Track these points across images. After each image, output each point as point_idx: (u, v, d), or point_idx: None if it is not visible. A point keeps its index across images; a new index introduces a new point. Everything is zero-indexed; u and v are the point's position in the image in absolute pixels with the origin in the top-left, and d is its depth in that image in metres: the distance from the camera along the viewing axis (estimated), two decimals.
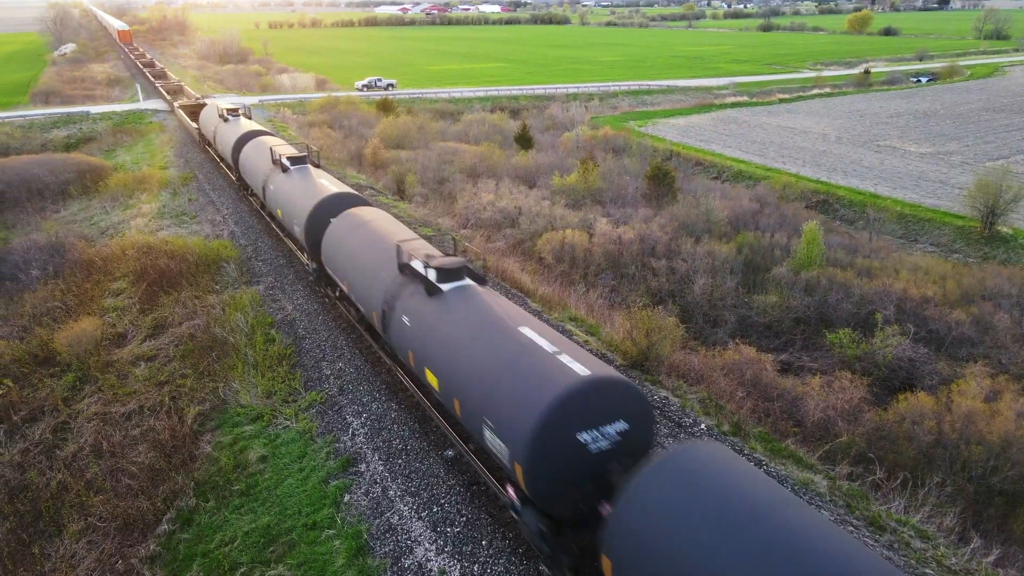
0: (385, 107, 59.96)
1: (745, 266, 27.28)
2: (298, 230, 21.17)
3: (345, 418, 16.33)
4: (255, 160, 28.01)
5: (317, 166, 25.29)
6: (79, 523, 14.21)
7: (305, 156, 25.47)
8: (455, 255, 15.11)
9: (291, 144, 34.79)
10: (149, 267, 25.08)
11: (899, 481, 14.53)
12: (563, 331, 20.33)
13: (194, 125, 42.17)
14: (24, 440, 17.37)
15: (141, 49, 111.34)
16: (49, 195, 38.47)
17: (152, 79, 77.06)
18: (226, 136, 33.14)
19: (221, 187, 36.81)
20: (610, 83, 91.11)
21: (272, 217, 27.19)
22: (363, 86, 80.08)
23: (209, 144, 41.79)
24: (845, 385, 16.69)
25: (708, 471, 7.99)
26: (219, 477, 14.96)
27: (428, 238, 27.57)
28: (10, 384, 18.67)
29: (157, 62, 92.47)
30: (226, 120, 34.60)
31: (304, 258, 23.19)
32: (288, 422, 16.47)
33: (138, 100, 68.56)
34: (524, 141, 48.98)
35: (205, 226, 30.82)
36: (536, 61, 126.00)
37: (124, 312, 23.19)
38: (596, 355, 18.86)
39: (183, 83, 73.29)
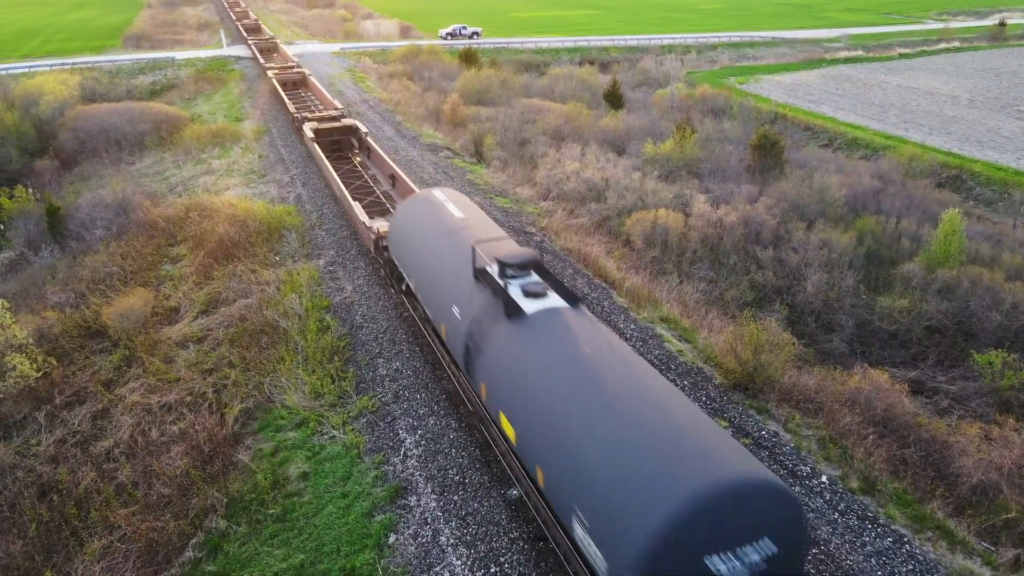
0: (468, 58, 56.98)
1: (866, 259, 23.58)
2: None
3: (398, 433, 14.29)
4: None
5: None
6: (101, 540, 12.79)
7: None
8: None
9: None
10: (209, 233, 23.66)
11: None
12: (653, 335, 17.60)
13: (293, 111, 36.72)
14: (63, 427, 16.22)
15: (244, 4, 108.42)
16: (126, 146, 37.92)
17: (245, 35, 71.16)
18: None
19: (292, 143, 35.23)
20: (708, 34, 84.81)
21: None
22: (447, 34, 77.13)
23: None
24: (1011, 436, 13.37)
25: None
26: (254, 495, 13.22)
27: (510, 225, 25.06)
28: (54, 363, 17.54)
29: (251, 13, 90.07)
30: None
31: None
32: (335, 432, 14.57)
33: (222, 47, 68.00)
34: (614, 99, 45.31)
35: (272, 187, 29.27)
36: (629, 9, 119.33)
37: (180, 282, 21.88)
38: (692, 370, 16.11)
39: (277, 39, 67.30)
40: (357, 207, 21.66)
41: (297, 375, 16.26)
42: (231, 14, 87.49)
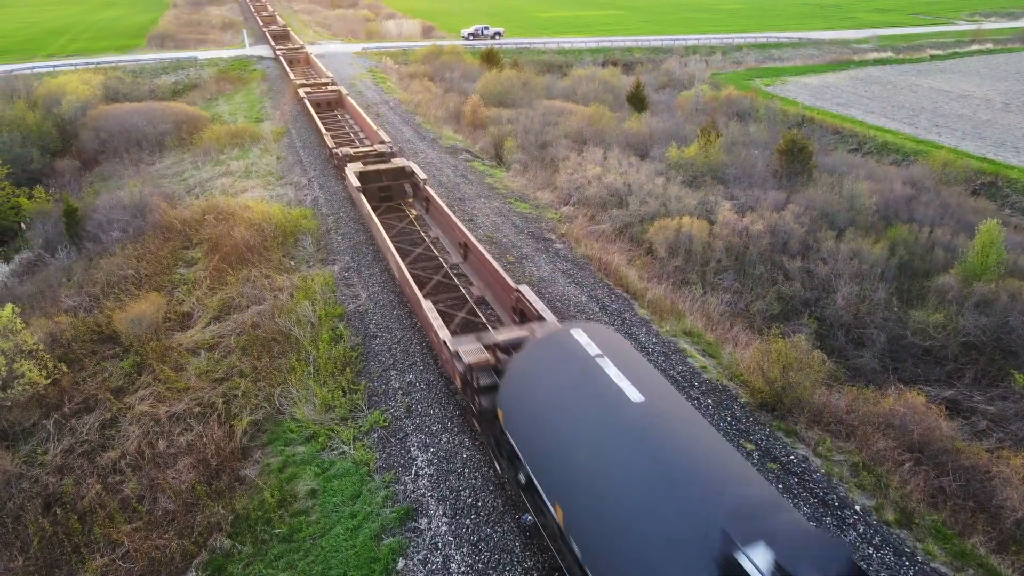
0: (490, 59, 56.48)
1: (899, 270, 22.70)
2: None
3: (409, 450, 13.79)
4: None
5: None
6: (103, 557, 12.44)
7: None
8: None
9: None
10: (225, 237, 23.36)
11: None
12: (675, 350, 16.95)
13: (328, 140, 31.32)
14: (71, 436, 15.93)
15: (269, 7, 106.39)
16: (147, 146, 37.88)
17: (272, 43, 64.07)
18: None
19: (311, 145, 34.93)
20: (733, 35, 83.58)
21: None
22: (469, 34, 76.69)
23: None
24: None
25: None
26: (260, 513, 12.79)
27: (529, 231, 24.49)
28: (64, 369, 17.28)
29: (279, 17, 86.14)
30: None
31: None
32: (345, 447, 14.10)
33: (244, 47, 68.13)
34: (637, 102, 44.54)
35: (289, 189, 28.95)
36: (652, 8, 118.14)
37: (194, 287, 21.58)
38: (716, 387, 15.44)
39: (307, 48, 59.76)
40: (432, 314, 14.66)
41: (308, 386, 15.84)
42: (258, 19, 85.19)
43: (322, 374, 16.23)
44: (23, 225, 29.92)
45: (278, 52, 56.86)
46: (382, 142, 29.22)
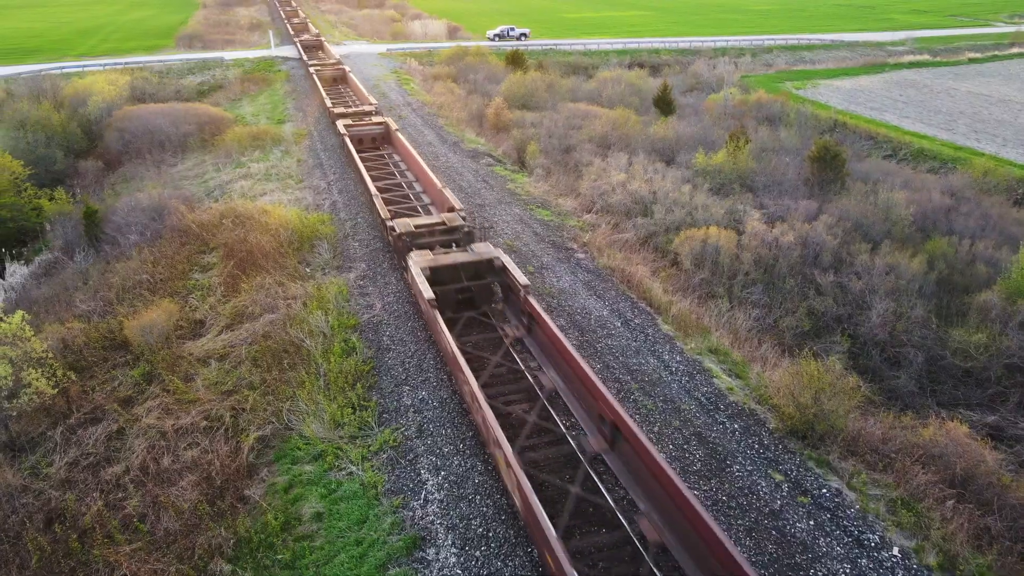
0: (515, 60, 55.86)
1: (937, 286, 21.64)
2: None
3: (419, 473, 13.21)
4: None
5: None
6: None
7: None
8: None
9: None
10: (241, 242, 23.02)
11: None
12: (700, 369, 16.18)
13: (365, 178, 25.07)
14: (77, 447, 15.58)
15: (295, 4, 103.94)
16: (169, 147, 37.84)
17: (305, 57, 55.36)
18: None
19: (332, 147, 34.60)
20: (764, 36, 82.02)
21: None
22: (494, 35, 76.17)
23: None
24: None
25: None
26: (263, 537, 12.29)
27: (550, 240, 23.79)
28: (73, 377, 16.97)
29: (311, 25, 78.43)
30: None
31: None
32: (353, 467, 13.56)
33: (270, 47, 68.29)
34: (664, 105, 43.61)
35: (308, 193, 28.59)
36: (681, 10, 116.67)
37: (208, 293, 21.24)
38: (743, 412, 14.64)
39: (345, 68, 47.36)
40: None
41: (317, 401, 15.33)
42: (287, 25, 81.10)
43: (332, 389, 15.72)
44: (48, 226, 29.91)
45: (311, 68, 47.74)
46: (451, 208, 21.35)
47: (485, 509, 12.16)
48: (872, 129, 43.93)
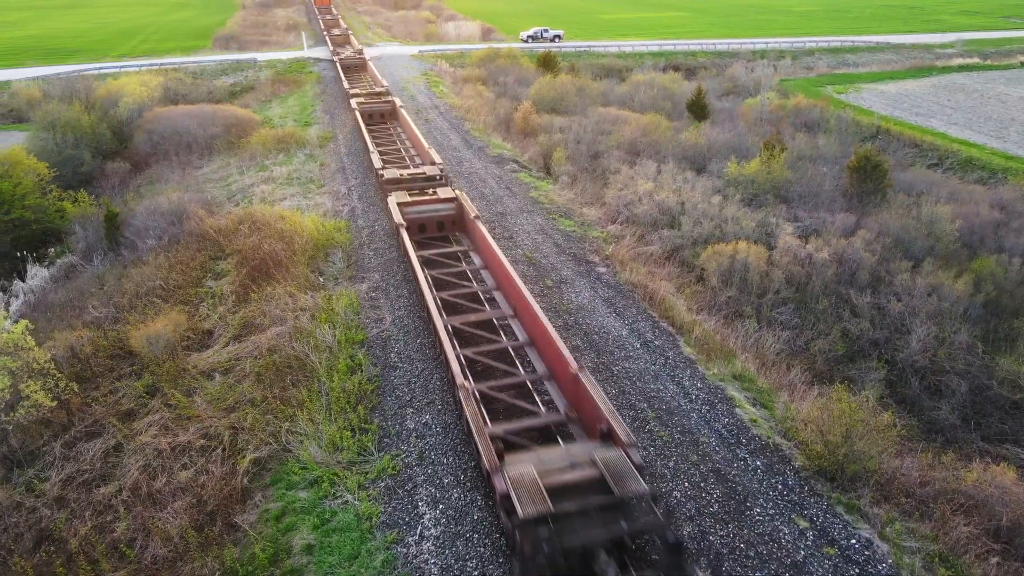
0: (546, 63, 55.02)
1: (984, 309, 20.23)
2: None
3: (417, 505, 12.47)
4: None
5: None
6: None
7: None
8: None
9: None
10: (255, 249, 22.61)
11: None
12: (722, 398, 15.17)
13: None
14: (75, 462, 15.22)
15: (336, 12, 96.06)
16: (196, 149, 37.84)
17: (347, 85, 44.31)
18: None
19: (355, 151, 34.17)
20: (805, 38, 79.84)
21: None
22: (528, 37, 75.37)
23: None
24: None
25: None
26: (250, 569, 11.67)
27: (571, 252, 22.92)
28: (75, 389, 16.64)
29: (354, 40, 68.91)
30: None
31: None
32: (349, 496, 12.88)
33: (303, 48, 68.48)
34: (697, 110, 42.35)
35: (328, 199, 28.15)
36: (720, 10, 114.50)
37: (219, 301, 20.85)
38: (766, 447, 13.62)
39: (396, 101, 37.84)
40: None
41: (317, 423, 14.71)
42: (321, 25, 79.02)
43: (334, 409, 15.08)
44: (74, 228, 29.96)
45: (353, 101, 37.86)
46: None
47: (482, 549, 11.38)
48: (917, 136, 42.06)
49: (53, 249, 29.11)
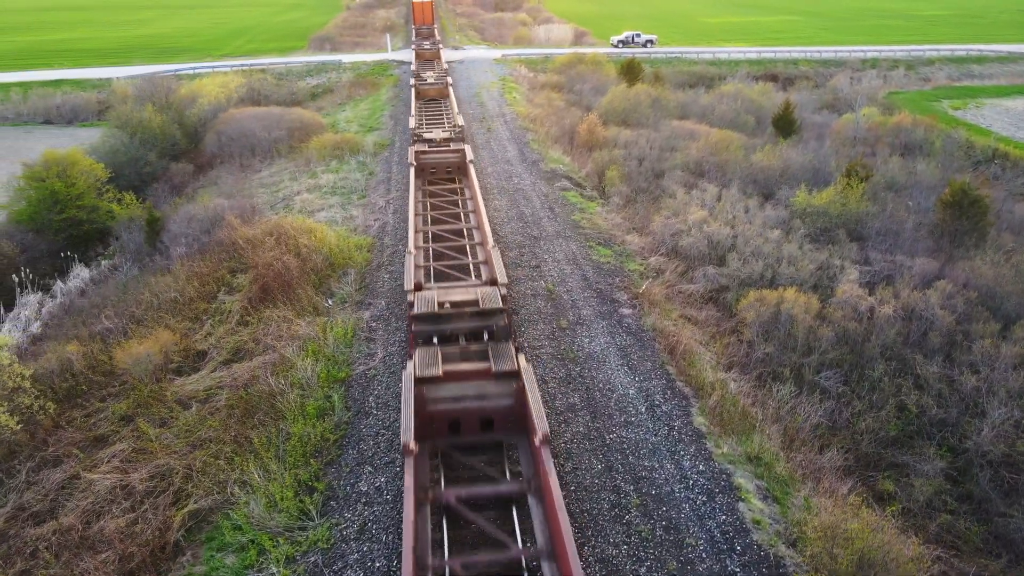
0: (629, 70, 52.37)
1: None
2: None
3: None
4: None
5: None
6: None
7: None
8: None
9: None
10: (269, 266, 21.83)
11: None
12: (725, 486, 12.83)
13: None
14: (34, 491, 14.69)
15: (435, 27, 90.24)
16: (259, 152, 38.05)
17: (413, 123, 30.07)
18: None
19: (407, 161, 33.15)
20: (926, 46, 72.99)
21: None
22: (619, 42, 72.80)
23: None
24: None
25: None
26: None
27: (596, 288, 20.84)
28: (49, 409, 16.20)
29: (444, 67, 50.04)
30: None
31: None
32: (274, 569, 11.53)
33: (387, 51, 68.81)
34: (784, 125, 38.83)
35: (362, 211, 27.21)
36: (835, 14, 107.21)
37: (224, 320, 20.17)
38: (764, 559, 11.21)
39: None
40: None
41: (268, 473, 13.48)
42: (413, 50, 67.81)
43: (288, 460, 13.82)
44: (121, 231, 30.47)
45: (411, 152, 24.54)
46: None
47: None
48: None
49: (104, 250, 29.65)
